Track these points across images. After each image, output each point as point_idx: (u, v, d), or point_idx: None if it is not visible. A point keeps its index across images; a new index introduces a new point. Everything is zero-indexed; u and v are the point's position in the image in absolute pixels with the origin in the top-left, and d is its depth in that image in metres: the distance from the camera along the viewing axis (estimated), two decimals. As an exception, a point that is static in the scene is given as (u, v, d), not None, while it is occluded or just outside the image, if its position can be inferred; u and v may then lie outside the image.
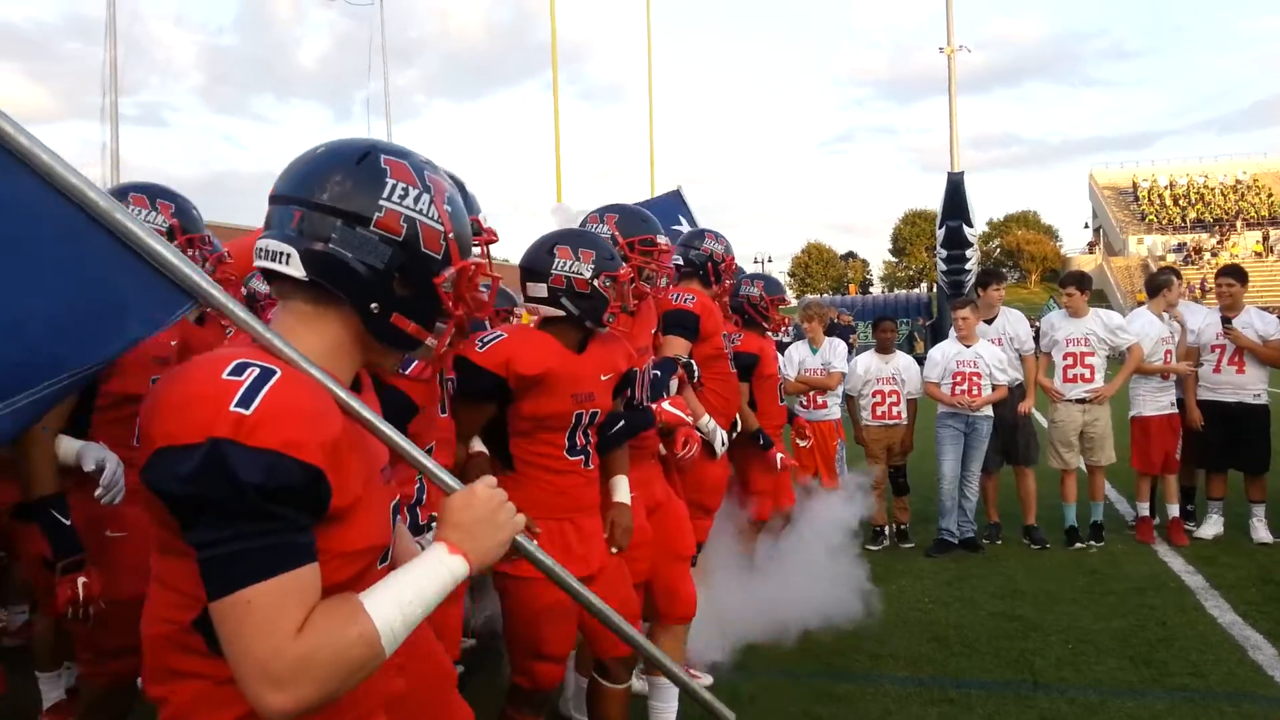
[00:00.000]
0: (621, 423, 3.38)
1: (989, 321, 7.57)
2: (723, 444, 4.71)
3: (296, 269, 1.48)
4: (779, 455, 5.42)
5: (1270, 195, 68.05)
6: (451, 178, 2.62)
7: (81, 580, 2.83)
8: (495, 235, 2.56)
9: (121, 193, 3.26)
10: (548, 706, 3.25)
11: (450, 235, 1.56)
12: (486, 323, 4.18)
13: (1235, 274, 7.55)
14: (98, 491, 2.89)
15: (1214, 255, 58.48)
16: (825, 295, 51.57)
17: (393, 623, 1.39)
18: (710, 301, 4.80)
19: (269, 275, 1.53)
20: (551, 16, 14.82)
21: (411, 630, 1.43)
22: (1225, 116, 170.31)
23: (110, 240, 1.42)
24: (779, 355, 6.41)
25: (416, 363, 2.32)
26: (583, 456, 3.15)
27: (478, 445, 3.12)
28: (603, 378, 3.18)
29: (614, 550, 3.28)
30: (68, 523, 2.85)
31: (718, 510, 5.10)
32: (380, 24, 34.94)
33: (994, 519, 7.61)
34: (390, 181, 1.52)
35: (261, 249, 1.52)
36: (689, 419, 3.83)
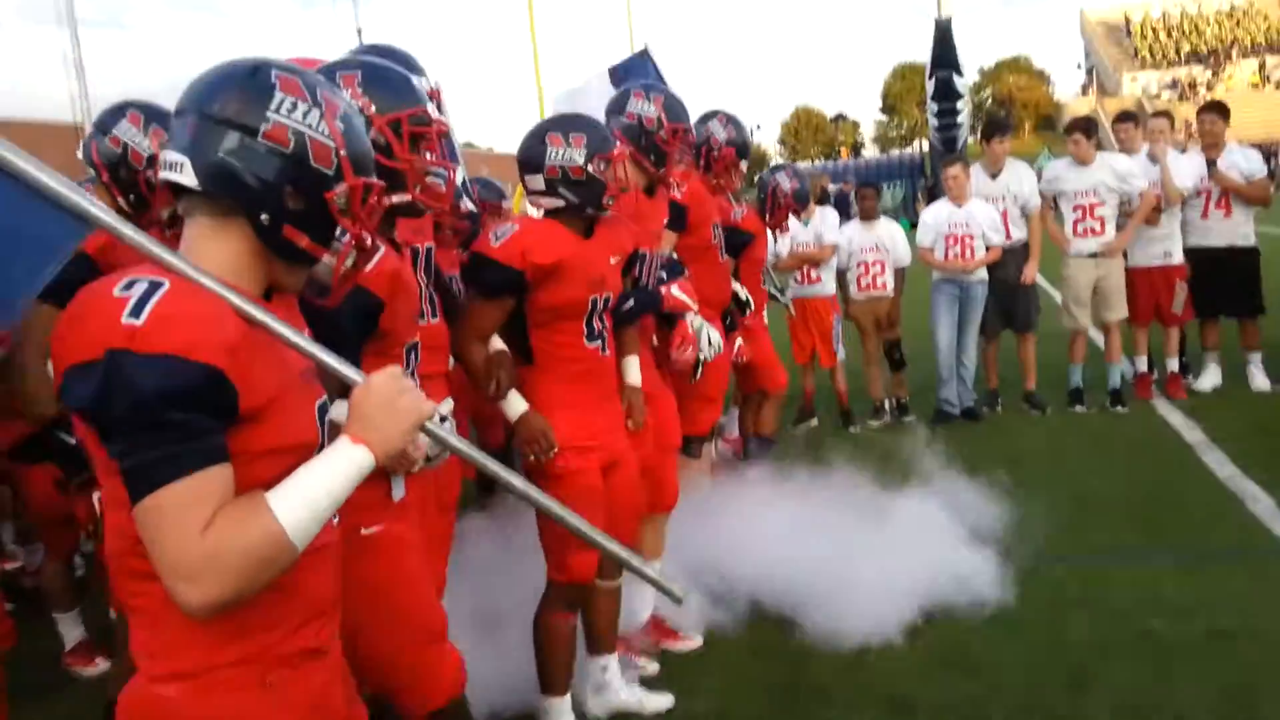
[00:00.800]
0: (630, 301, 3.42)
1: (994, 176, 7.26)
2: (709, 342, 4.64)
3: (190, 178, 1.54)
4: (738, 343, 5.25)
5: (1267, 20, 66.18)
6: (397, 54, 2.53)
7: (96, 495, 2.84)
8: (444, 125, 2.49)
9: (120, 109, 3.29)
10: (580, 604, 3.29)
11: (342, 152, 1.59)
12: (473, 216, 4.08)
13: (1218, 110, 7.34)
14: None
15: (1209, 90, 57.27)
16: (817, 162, 50.73)
17: (298, 517, 1.46)
18: (701, 189, 4.65)
19: (175, 191, 1.59)
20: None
21: (322, 523, 1.50)
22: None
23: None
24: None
25: (379, 252, 2.18)
26: (600, 342, 3.21)
27: (497, 343, 3.14)
28: (612, 260, 3.22)
29: (631, 427, 3.40)
30: (74, 441, 2.84)
31: (719, 398, 5.09)
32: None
33: (994, 385, 7.53)
34: (279, 95, 1.56)
35: (162, 160, 1.58)
36: (694, 305, 3.83)
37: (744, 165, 4.84)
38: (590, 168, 3.06)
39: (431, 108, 2.43)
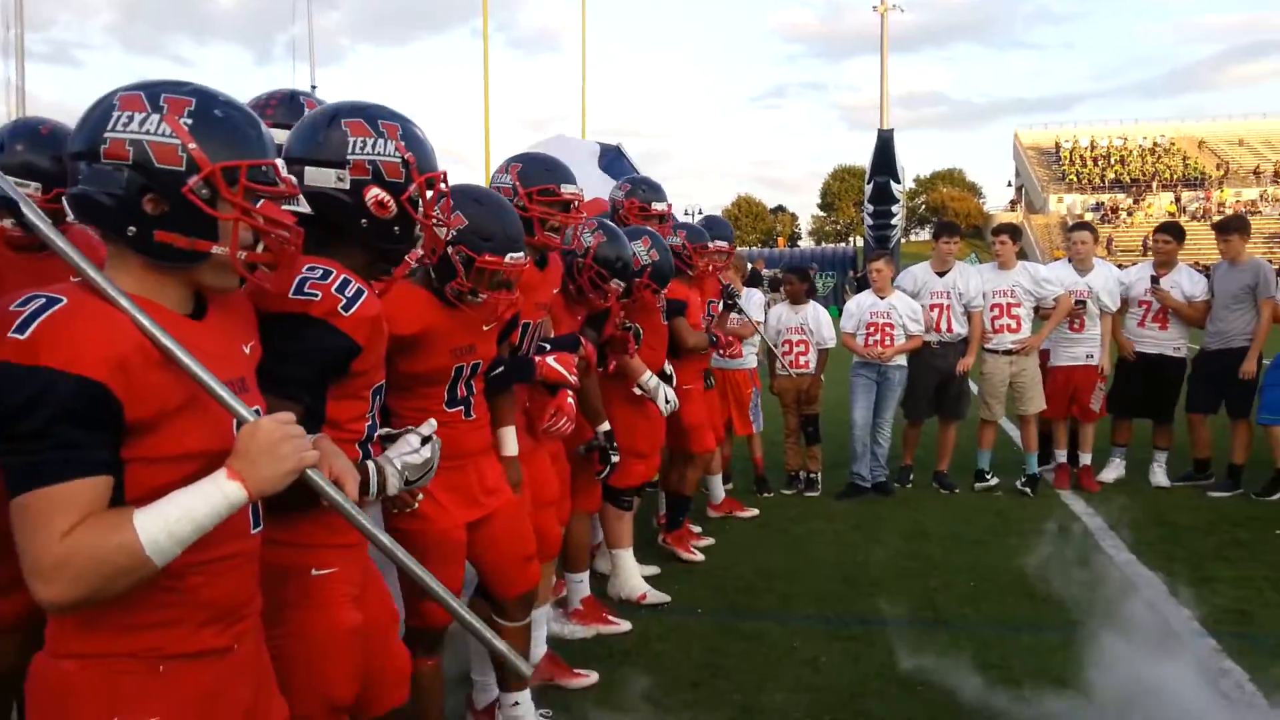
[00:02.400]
0: (500, 369, 3.30)
1: (941, 275, 7.52)
2: (666, 401, 4.71)
3: (70, 213, 1.66)
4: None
5: (1185, 158, 69.95)
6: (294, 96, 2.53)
7: None
8: (292, 186, 2.35)
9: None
10: (440, 648, 3.20)
11: (190, 145, 1.62)
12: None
13: (1172, 231, 7.72)
14: None
15: (1130, 215, 60.00)
16: (754, 249, 51.75)
17: (157, 537, 1.51)
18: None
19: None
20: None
21: (183, 546, 1.55)
22: (1145, 82, 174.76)
23: None
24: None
25: (364, 298, 2.14)
26: (462, 407, 3.06)
27: None
28: (485, 327, 3.05)
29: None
30: None
31: (651, 454, 5.13)
32: (306, -38, 33.57)
33: (908, 462, 7.75)
34: (116, 114, 1.62)
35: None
36: (572, 378, 3.66)
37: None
38: (450, 250, 2.86)
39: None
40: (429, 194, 2.29)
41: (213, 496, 1.56)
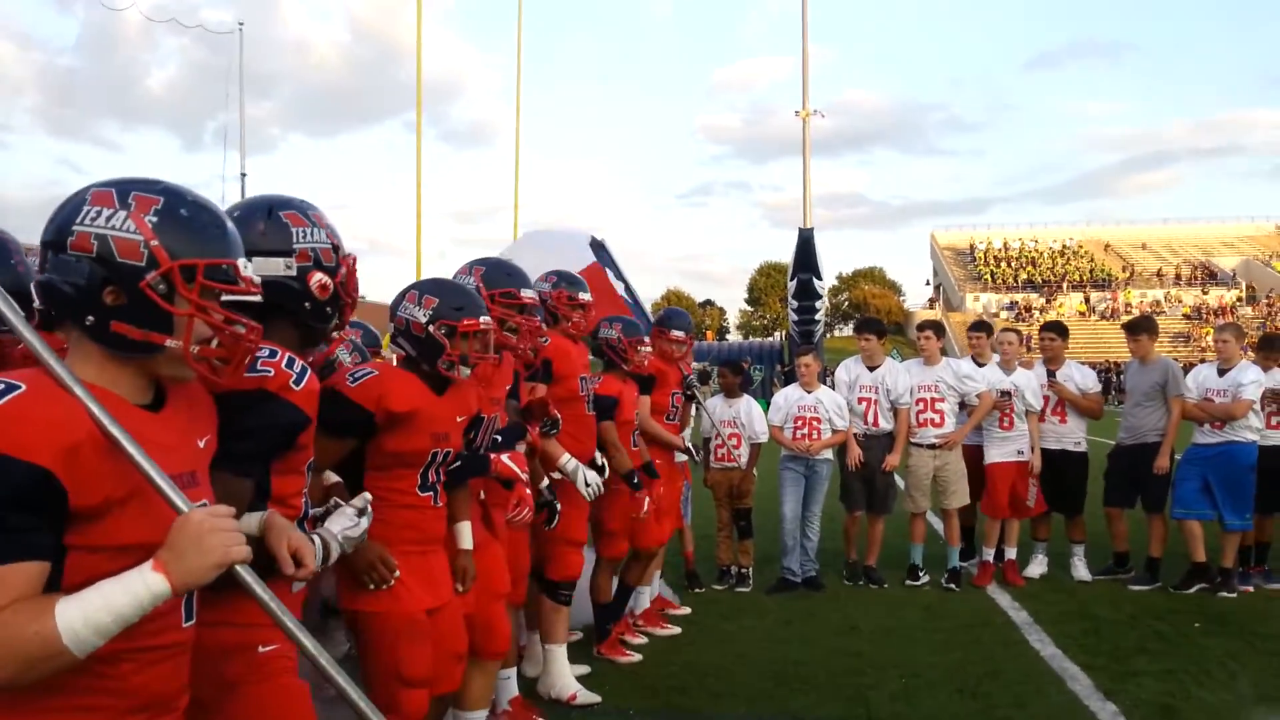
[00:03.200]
0: (459, 463, 3.43)
1: (871, 369, 7.62)
2: (586, 484, 4.67)
3: (36, 299, 1.72)
4: (646, 499, 5.42)
5: (1091, 260, 73.16)
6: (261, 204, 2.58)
7: None
8: (254, 285, 2.44)
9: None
10: None
11: (153, 242, 1.68)
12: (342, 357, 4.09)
13: (1057, 329, 8.03)
14: None
15: (1042, 313, 62.24)
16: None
17: (74, 625, 1.51)
18: (565, 343, 4.80)
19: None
20: (418, 57, 14.62)
21: (103, 637, 1.53)
22: (1051, 188, 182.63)
23: None
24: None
25: (309, 374, 2.29)
26: (432, 493, 3.24)
27: (333, 476, 3.18)
28: (458, 419, 3.30)
29: (459, 590, 3.40)
30: None
31: (585, 543, 5.10)
32: (239, 51, 33.72)
33: (852, 557, 7.72)
34: (86, 208, 1.69)
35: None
36: (524, 475, 3.81)
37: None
38: (431, 329, 3.18)
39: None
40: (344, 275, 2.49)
41: (135, 587, 1.55)
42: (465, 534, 3.52)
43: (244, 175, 32.01)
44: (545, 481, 4.43)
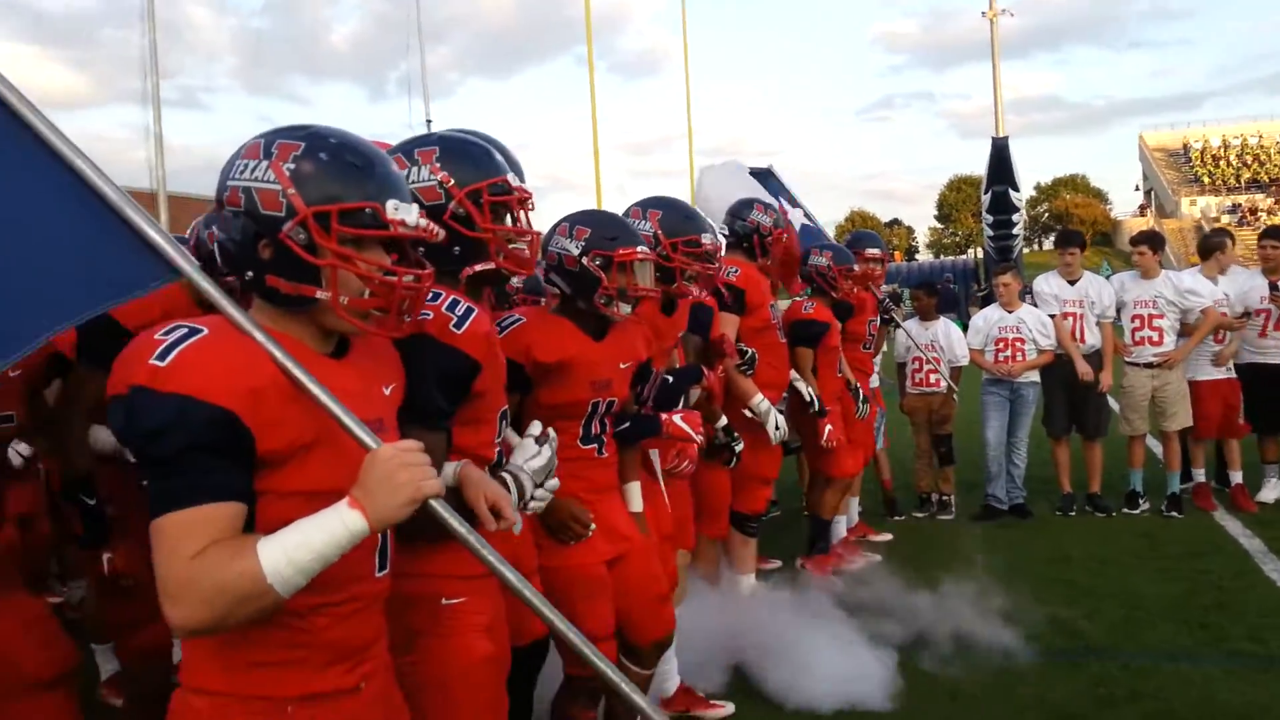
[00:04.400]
0: (627, 424, 3.25)
1: (1072, 283, 7.27)
2: (776, 428, 4.65)
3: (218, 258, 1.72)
4: (827, 427, 5.37)
5: (1328, 153, 66.12)
6: (484, 139, 2.56)
7: (106, 556, 2.91)
8: (525, 192, 2.39)
9: None
10: (600, 698, 3.16)
11: (289, 190, 1.61)
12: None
13: (1277, 235, 7.33)
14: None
15: (1270, 215, 56.91)
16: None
17: (278, 564, 1.50)
18: (755, 273, 4.76)
19: None
20: (586, -11, 14.64)
21: (305, 575, 1.52)
22: (1274, 75, 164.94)
23: (99, 209, 1.62)
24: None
25: (474, 315, 2.18)
26: (596, 445, 3.08)
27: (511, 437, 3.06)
28: (621, 365, 3.08)
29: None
30: (92, 503, 2.91)
31: (775, 478, 5.11)
32: (416, 2, 34.69)
33: (1066, 489, 7.33)
34: (237, 162, 1.67)
35: None
36: (698, 438, 3.62)
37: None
38: (584, 260, 2.94)
39: (513, 176, 2.36)
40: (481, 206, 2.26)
41: (331, 524, 1.54)
42: (635, 496, 3.33)
43: (429, 122, 32.65)
44: (723, 421, 4.26)
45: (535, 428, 2.37)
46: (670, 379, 3.67)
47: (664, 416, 3.51)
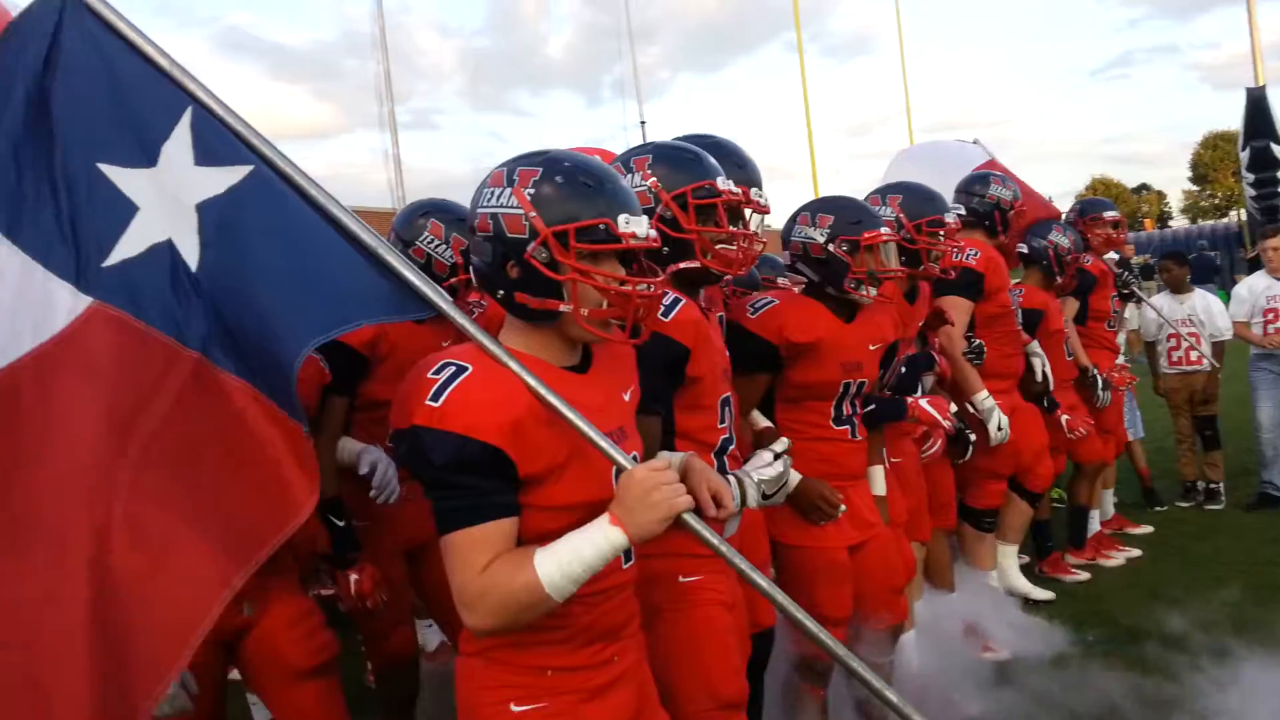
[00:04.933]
0: (873, 407, 3.30)
1: None
2: (999, 429, 4.41)
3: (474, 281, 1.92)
4: (1064, 417, 5.09)
5: None
6: (716, 144, 2.65)
7: (353, 578, 3.06)
8: (734, 195, 2.49)
9: (423, 214, 3.29)
10: (830, 678, 3.19)
11: (531, 214, 1.77)
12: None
13: None
14: (371, 493, 3.07)
15: None
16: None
17: (553, 576, 1.70)
18: (996, 255, 4.58)
19: None
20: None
21: (576, 584, 1.73)
22: None
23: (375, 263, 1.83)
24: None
25: (682, 304, 2.33)
26: (849, 426, 3.15)
27: (762, 421, 3.12)
28: (871, 347, 3.14)
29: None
30: (342, 524, 3.08)
31: (1010, 474, 4.92)
32: (625, 6, 35.64)
33: None
34: (484, 190, 1.84)
35: None
36: (946, 423, 3.63)
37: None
38: (830, 247, 3.03)
39: (722, 180, 2.48)
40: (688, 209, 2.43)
41: (598, 540, 1.73)
42: (879, 479, 3.39)
43: (643, 123, 32.94)
44: (953, 408, 4.11)
45: (780, 444, 2.49)
46: (904, 369, 3.69)
47: (909, 400, 3.54)
